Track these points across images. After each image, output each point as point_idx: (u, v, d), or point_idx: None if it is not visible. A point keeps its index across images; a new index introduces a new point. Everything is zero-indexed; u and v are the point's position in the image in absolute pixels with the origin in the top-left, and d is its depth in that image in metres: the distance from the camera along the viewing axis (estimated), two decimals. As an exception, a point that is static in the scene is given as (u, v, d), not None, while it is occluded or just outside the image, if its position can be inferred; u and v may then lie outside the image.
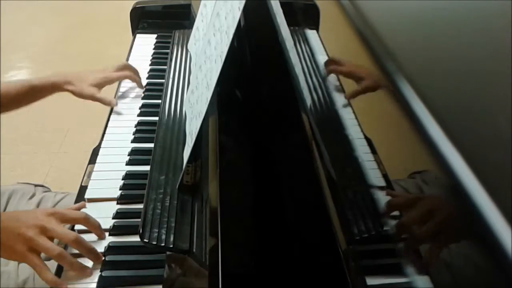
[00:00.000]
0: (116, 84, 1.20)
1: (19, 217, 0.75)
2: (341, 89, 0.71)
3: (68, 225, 0.80)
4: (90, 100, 1.09)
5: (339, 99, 0.72)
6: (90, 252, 0.74)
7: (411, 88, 0.43)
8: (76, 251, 0.75)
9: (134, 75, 1.16)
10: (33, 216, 0.74)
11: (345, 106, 0.68)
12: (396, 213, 0.50)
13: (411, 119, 0.41)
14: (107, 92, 1.16)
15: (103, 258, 0.75)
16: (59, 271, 0.74)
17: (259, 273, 0.52)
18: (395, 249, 0.48)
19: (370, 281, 0.53)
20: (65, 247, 0.76)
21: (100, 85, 1.11)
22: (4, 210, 0.98)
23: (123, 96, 1.17)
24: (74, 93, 1.08)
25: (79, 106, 2.36)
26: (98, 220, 0.79)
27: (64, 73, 1.10)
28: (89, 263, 0.75)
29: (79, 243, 0.73)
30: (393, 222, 0.49)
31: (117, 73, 1.14)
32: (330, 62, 0.77)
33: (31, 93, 1.07)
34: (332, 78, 0.76)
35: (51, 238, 0.73)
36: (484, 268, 0.33)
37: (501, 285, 0.31)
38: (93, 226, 0.78)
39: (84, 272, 0.72)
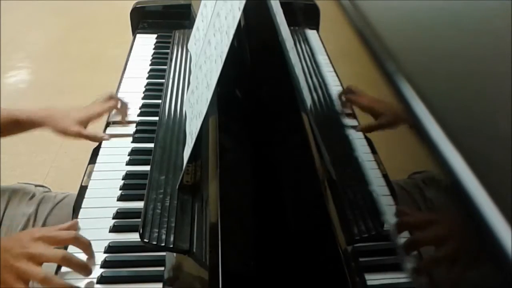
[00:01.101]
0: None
1: (6, 246, 0.73)
2: (341, 89, 0.71)
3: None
4: (77, 137, 1.02)
5: (339, 100, 0.72)
6: (81, 268, 0.72)
7: (411, 88, 0.43)
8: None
9: (119, 106, 1.08)
10: (19, 244, 0.73)
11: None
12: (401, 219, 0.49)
13: (411, 119, 0.41)
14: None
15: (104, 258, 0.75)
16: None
17: (259, 273, 0.52)
18: (395, 248, 0.48)
19: (370, 281, 0.53)
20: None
21: (85, 123, 1.03)
22: (4, 210, 0.98)
23: (123, 95, 1.16)
24: (56, 131, 1.01)
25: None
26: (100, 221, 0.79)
27: (48, 109, 1.03)
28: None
29: (69, 260, 0.71)
30: (402, 240, 0.48)
31: (101, 107, 1.06)
32: (347, 92, 0.71)
33: (13, 127, 1.02)
34: (332, 78, 0.76)
35: (40, 264, 0.71)
36: (484, 268, 0.33)
37: (501, 285, 0.31)
38: (83, 245, 0.75)
39: None
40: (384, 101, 0.51)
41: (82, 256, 0.75)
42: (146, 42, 1.38)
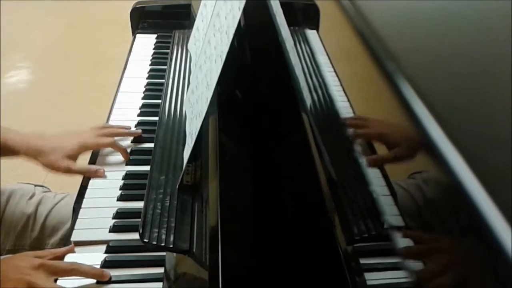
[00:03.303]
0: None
1: (3, 266, 0.69)
2: (341, 89, 0.71)
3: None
4: (66, 174, 0.93)
5: (339, 99, 0.72)
6: None
7: (411, 88, 0.43)
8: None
9: (116, 144, 0.97)
10: (18, 270, 0.69)
11: (345, 106, 0.68)
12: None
13: (411, 119, 0.41)
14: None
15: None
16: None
17: (259, 273, 0.52)
18: (395, 248, 0.48)
19: (370, 280, 0.53)
20: None
21: (76, 154, 0.94)
22: (4, 210, 0.98)
23: (123, 95, 1.17)
24: (44, 166, 0.94)
25: (79, 106, 2.36)
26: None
27: (38, 139, 0.96)
28: None
29: None
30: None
31: (97, 140, 0.96)
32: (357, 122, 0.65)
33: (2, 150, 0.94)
34: (332, 78, 0.76)
35: None
36: (484, 268, 0.33)
37: (501, 285, 0.31)
38: (89, 273, 0.71)
39: None
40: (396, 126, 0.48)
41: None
42: (146, 42, 1.38)
